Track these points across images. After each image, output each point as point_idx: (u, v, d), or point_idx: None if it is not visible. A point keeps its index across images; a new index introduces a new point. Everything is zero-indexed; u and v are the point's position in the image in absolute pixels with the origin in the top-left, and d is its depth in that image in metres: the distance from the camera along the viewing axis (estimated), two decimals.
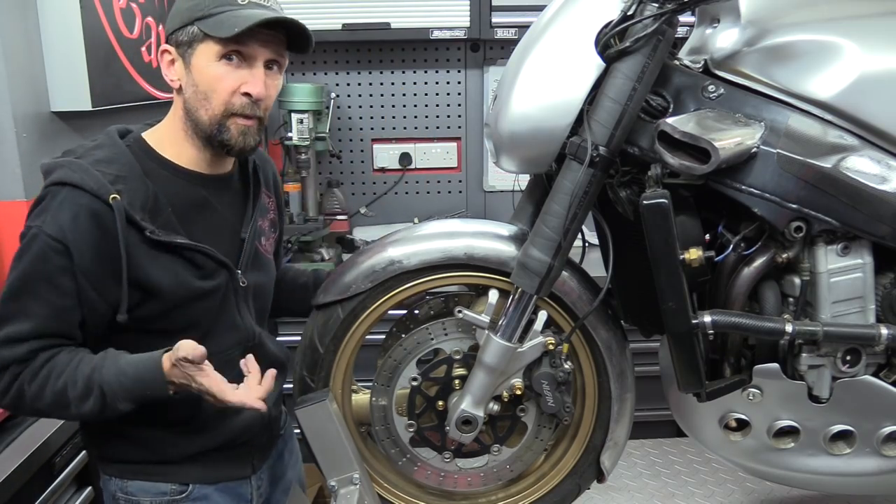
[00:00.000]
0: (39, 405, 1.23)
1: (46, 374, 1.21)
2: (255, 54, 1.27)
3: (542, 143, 1.32)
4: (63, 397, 1.22)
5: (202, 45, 1.26)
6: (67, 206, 1.20)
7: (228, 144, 1.30)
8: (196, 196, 1.34)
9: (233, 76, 1.26)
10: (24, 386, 1.22)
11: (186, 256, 1.30)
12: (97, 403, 1.22)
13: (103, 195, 1.20)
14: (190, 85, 1.28)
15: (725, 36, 1.34)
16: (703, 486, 2.57)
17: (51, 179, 1.24)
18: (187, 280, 1.29)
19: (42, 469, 1.70)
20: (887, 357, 1.39)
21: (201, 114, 1.28)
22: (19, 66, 1.86)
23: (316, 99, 2.83)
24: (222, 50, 1.25)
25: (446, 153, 3.24)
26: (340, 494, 1.42)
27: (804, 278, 1.34)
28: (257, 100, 1.28)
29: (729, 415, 1.43)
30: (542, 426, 1.53)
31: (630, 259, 1.38)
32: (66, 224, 1.20)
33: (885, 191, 1.27)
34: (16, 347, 1.21)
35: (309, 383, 1.51)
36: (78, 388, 1.21)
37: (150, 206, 1.26)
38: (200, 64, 1.27)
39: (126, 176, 1.25)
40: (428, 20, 2.87)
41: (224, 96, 1.27)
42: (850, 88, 1.26)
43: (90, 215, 1.20)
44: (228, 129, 1.28)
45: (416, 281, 1.46)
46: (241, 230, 1.41)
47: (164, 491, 1.36)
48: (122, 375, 1.22)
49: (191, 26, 1.26)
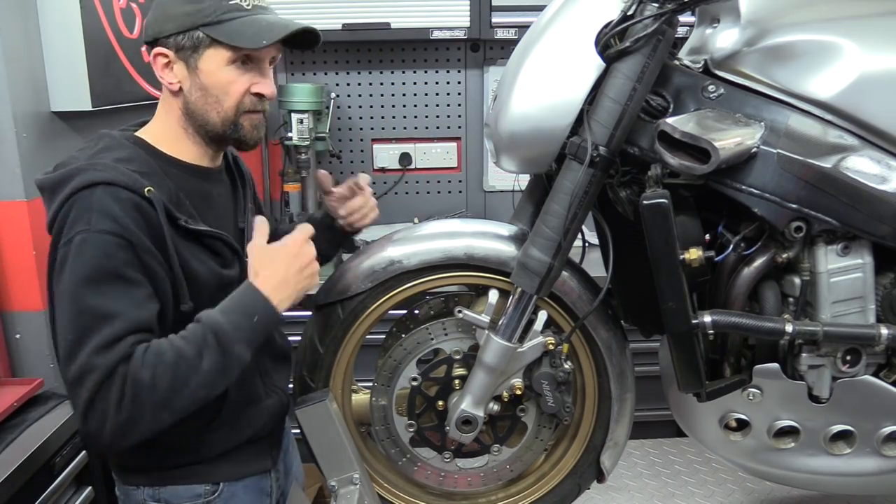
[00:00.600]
0: (160, 392, 1.15)
1: (153, 357, 1.16)
2: (263, 56, 1.32)
3: (542, 143, 1.32)
4: (179, 368, 1.15)
5: (210, 51, 1.27)
6: (110, 201, 1.17)
7: (244, 140, 1.34)
8: (202, 189, 1.36)
9: (244, 79, 1.30)
10: (139, 377, 1.14)
11: (208, 245, 1.31)
12: (216, 355, 1.17)
13: (139, 188, 1.20)
14: (196, 88, 1.30)
15: (725, 36, 1.34)
16: (703, 486, 2.57)
17: (76, 184, 1.19)
18: (215, 269, 1.31)
19: (42, 469, 1.70)
20: (887, 357, 1.39)
21: (212, 116, 1.31)
22: (19, 66, 1.86)
23: (316, 99, 2.83)
24: (234, 56, 1.28)
25: (446, 153, 3.23)
26: (340, 494, 1.42)
27: (804, 278, 1.34)
28: (268, 97, 1.34)
29: (729, 415, 1.43)
30: (542, 426, 1.53)
31: (630, 259, 1.38)
32: (117, 217, 1.17)
33: (885, 191, 1.27)
34: (114, 348, 1.14)
35: (309, 383, 1.51)
36: (190, 349, 1.17)
37: (174, 198, 1.27)
38: (209, 68, 1.28)
39: (148, 172, 1.25)
40: (428, 20, 2.87)
41: (236, 98, 1.30)
42: (850, 88, 1.26)
43: (134, 207, 1.19)
44: (242, 126, 1.32)
45: (416, 281, 1.46)
46: (238, 220, 1.43)
47: (199, 493, 1.35)
48: (225, 313, 1.20)
49: (194, 31, 1.26)
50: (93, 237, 1.16)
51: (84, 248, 1.16)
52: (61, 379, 1.34)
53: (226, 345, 1.18)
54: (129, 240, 1.17)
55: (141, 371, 1.14)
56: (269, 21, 1.29)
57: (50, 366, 1.95)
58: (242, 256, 1.37)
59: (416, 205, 3.24)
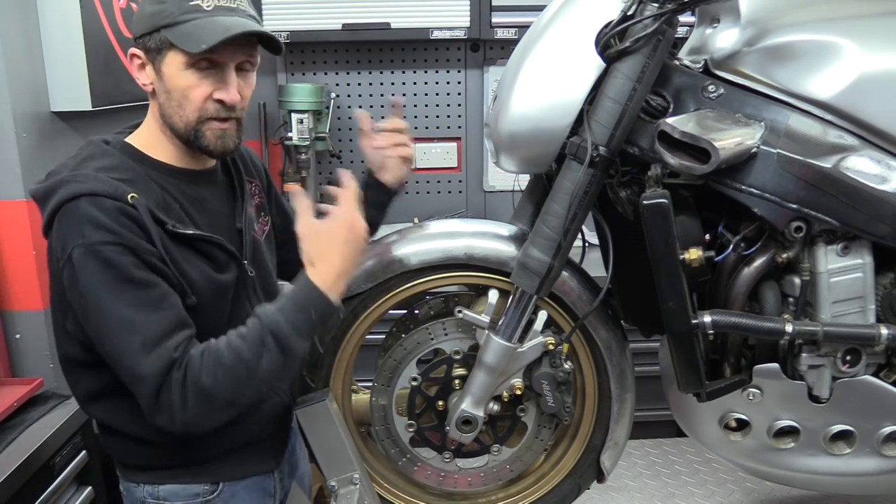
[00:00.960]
0: (223, 394, 1.17)
1: (212, 360, 1.17)
2: (226, 60, 1.25)
3: (542, 143, 1.32)
4: (239, 369, 1.17)
5: (171, 53, 1.23)
6: (96, 211, 1.15)
7: (207, 149, 1.29)
8: (193, 192, 1.33)
9: (204, 84, 1.24)
10: (201, 385, 1.16)
11: (201, 249, 1.28)
12: (276, 353, 1.18)
13: (122, 196, 1.17)
14: (162, 91, 1.26)
15: (725, 36, 1.34)
16: (703, 486, 2.57)
17: (60, 198, 1.18)
18: (209, 273, 1.28)
19: (42, 469, 1.70)
20: (887, 357, 1.39)
21: (176, 120, 1.26)
22: (19, 66, 1.86)
23: (316, 99, 2.83)
24: (190, 59, 1.22)
25: (446, 153, 3.23)
26: (340, 494, 1.42)
27: (804, 278, 1.34)
28: (231, 105, 1.27)
29: (729, 415, 1.43)
30: (542, 426, 1.53)
31: (630, 259, 1.38)
32: (108, 226, 1.15)
33: (885, 191, 1.27)
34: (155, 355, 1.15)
35: (309, 383, 1.51)
36: (249, 350, 1.18)
37: (162, 204, 1.24)
38: (170, 72, 1.24)
39: (132, 179, 1.22)
40: (428, 20, 2.87)
41: (197, 104, 1.25)
42: (850, 88, 1.26)
43: (121, 214, 1.17)
44: (204, 135, 1.27)
45: (416, 281, 1.46)
46: (236, 221, 1.40)
47: (197, 492, 1.34)
48: (282, 312, 1.20)
49: (157, 33, 1.22)
50: (91, 250, 1.14)
51: (86, 263, 1.15)
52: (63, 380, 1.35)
53: (285, 345, 1.19)
54: (127, 244, 1.16)
55: (202, 377, 1.16)
56: (224, 24, 1.21)
57: (50, 366, 1.95)
58: (241, 259, 1.35)
59: (416, 205, 3.23)
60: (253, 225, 1.42)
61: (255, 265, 1.40)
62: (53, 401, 1.88)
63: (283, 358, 1.20)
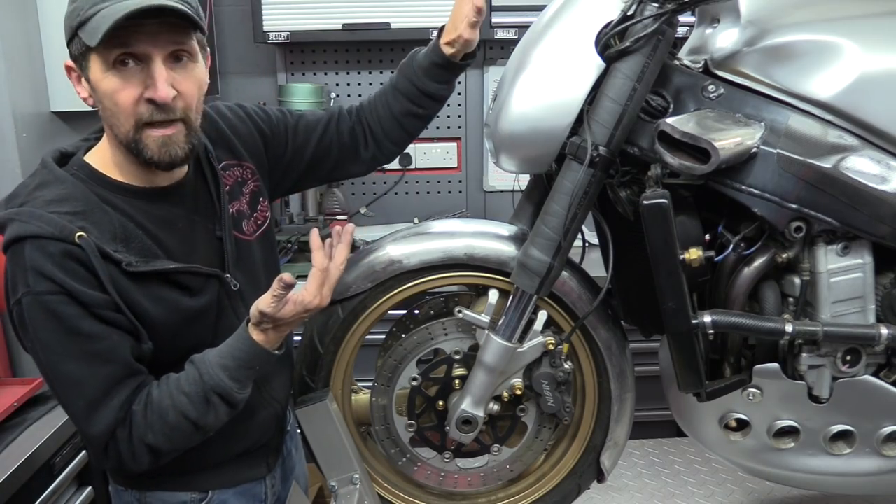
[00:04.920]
0: (171, 446, 1.19)
1: (157, 419, 1.16)
2: (149, 52, 1.09)
3: (542, 143, 1.32)
4: (185, 427, 1.18)
5: (92, 56, 1.09)
6: (40, 257, 1.08)
7: (153, 161, 1.14)
8: (160, 213, 1.22)
9: (131, 84, 1.09)
10: (147, 440, 1.16)
11: (171, 279, 1.20)
12: (222, 408, 1.19)
13: (68, 237, 1.08)
14: (98, 102, 1.13)
15: (725, 36, 1.34)
16: (703, 486, 2.57)
17: (7, 238, 1.11)
18: (179, 302, 1.21)
19: (42, 469, 1.70)
20: (887, 357, 1.39)
21: (117, 132, 1.14)
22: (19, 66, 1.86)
23: (316, 99, 2.83)
24: (108, 57, 1.08)
25: (446, 153, 3.23)
26: (340, 494, 1.42)
27: (804, 278, 1.34)
28: (165, 104, 1.11)
29: (729, 415, 1.43)
30: (542, 426, 1.53)
31: (630, 259, 1.38)
32: (52, 274, 1.08)
33: (885, 191, 1.27)
34: (102, 413, 1.13)
35: (309, 383, 1.51)
36: (194, 409, 1.17)
37: (120, 234, 1.14)
38: (96, 78, 1.10)
39: (84, 211, 1.12)
40: (428, 20, 2.87)
41: (128, 108, 1.10)
42: (850, 88, 1.26)
43: (66, 257, 1.09)
44: (146, 145, 1.13)
45: (416, 281, 1.46)
46: (215, 228, 1.29)
47: (185, 500, 1.34)
48: (225, 371, 1.18)
49: (76, 37, 1.09)
50: (37, 301, 1.10)
51: (33, 313, 1.11)
52: None
53: (230, 399, 1.20)
54: (72, 294, 1.09)
55: (148, 435, 1.17)
56: (127, 7, 1.04)
57: None
58: (220, 274, 1.28)
59: (416, 205, 3.24)
60: (241, 226, 1.35)
61: (242, 273, 1.33)
62: (53, 401, 1.88)
63: (229, 409, 1.21)
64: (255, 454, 1.42)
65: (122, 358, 1.16)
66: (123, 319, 1.15)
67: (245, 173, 1.39)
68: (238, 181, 1.37)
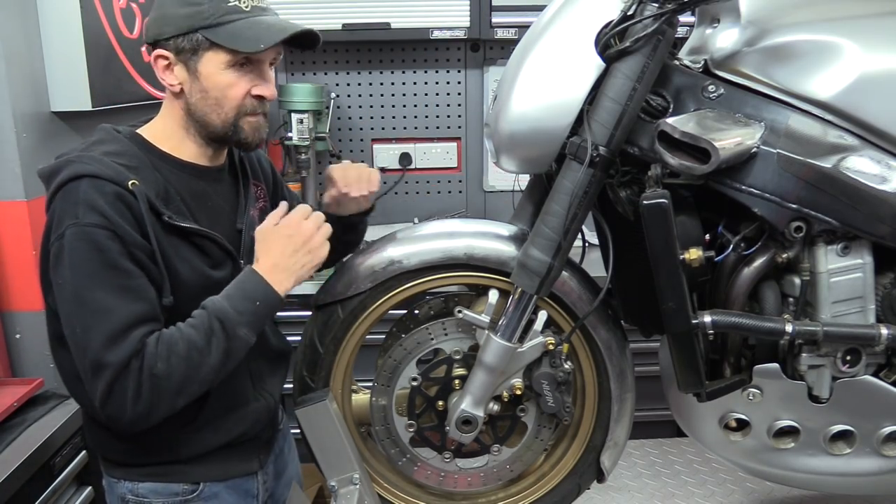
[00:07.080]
0: (175, 380, 1.20)
1: (166, 348, 1.19)
2: (263, 58, 1.32)
3: (542, 143, 1.32)
4: (191, 356, 1.20)
5: (210, 53, 1.27)
6: (95, 194, 1.19)
7: (246, 142, 1.35)
8: (197, 187, 1.36)
9: (244, 81, 1.30)
10: (155, 371, 1.18)
11: (197, 244, 1.31)
12: (222, 339, 1.22)
13: (123, 181, 1.20)
14: (197, 90, 1.30)
15: (725, 36, 1.34)
16: (703, 486, 2.57)
17: (63, 177, 1.21)
18: (200, 268, 1.31)
19: (42, 469, 1.70)
20: (887, 357, 1.39)
21: (213, 118, 1.31)
22: (19, 66, 1.86)
23: (316, 99, 2.83)
24: (233, 59, 1.28)
25: (446, 153, 3.23)
26: (340, 494, 1.42)
27: (804, 278, 1.34)
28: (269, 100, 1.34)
29: (729, 415, 1.43)
30: (542, 426, 1.53)
31: (630, 259, 1.38)
32: (103, 209, 1.18)
33: (885, 191, 1.27)
34: (121, 344, 1.17)
35: (309, 383, 1.51)
36: (199, 337, 1.21)
37: (163, 194, 1.27)
38: (209, 71, 1.29)
39: (137, 166, 1.26)
40: (428, 20, 2.87)
41: (236, 101, 1.30)
42: (850, 88, 1.26)
43: (118, 199, 1.20)
44: (243, 129, 1.33)
45: (416, 281, 1.46)
46: (237, 221, 1.42)
47: (176, 491, 1.36)
48: (228, 299, 1.25)
49: (193, 34, 1.26)
50: (83, 231, 1.18)
51: (76, 242, 1.18)
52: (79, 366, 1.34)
53: (230, 329, 1.23)
54: (117, 232, 1.19)
55: (157, 365, 1.19)
56: (268, 23, 1.29)
57: (50, 366, 1.95)
58: (237, 258, 1.37)
59: (416, 205, 3.24)
60: (254, 226, 1.42)
61: None
62: (53, 401, 1.88)
63: (228, 345, 1.23)
64: (247, 447, 1.43)
65: (151, 299, 1.23)
66: (155, 269, 1.23)
67: (259, 191, 1.52)
68: (254, 194, 1.49)
